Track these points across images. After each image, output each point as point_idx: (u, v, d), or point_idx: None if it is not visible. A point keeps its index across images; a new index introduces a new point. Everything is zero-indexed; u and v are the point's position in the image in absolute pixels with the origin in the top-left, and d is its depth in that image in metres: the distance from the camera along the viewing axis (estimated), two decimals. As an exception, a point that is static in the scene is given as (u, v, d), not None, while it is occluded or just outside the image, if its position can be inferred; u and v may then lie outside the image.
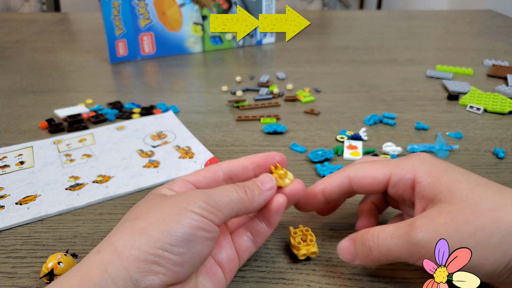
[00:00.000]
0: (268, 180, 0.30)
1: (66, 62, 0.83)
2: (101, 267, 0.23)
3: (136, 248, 0.23)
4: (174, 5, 0.83)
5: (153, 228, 0.24)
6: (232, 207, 0.27)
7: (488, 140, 0.52)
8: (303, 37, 1.00)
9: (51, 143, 0.51)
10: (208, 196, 0.26)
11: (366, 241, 0.28)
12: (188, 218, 0.24)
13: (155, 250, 0.23)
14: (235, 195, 0.27)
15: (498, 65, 0.77)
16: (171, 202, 0.26)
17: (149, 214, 0.25)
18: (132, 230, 0.24)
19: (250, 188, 0.29)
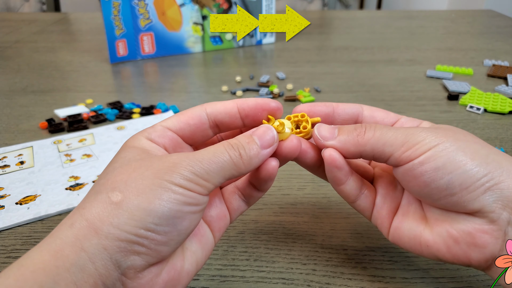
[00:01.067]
0: (269, 137, 0.26)
1: (66, 62, 0.83)
2: (77, 243, 0.20)
3: (115, 226, 0.21)
4: (174, 5, 0.83)
5: (133, 203, 0.21)
6: (223, 174, 0.24)
7: (488, 140, 0.52)
8: (303, 37, 1.00)
9: (51, 143, 0.51)
10: (195, 163, 0.23)
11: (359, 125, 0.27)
12: (173, 193, 0.22)
13: (136, 230, 0.21)
14: (227, 159, 0.24)
15: (498, 65, 0.77)
16: (152, 173, 0.22)
17: (127, 186, 0.22)
18: (110, 205, 0.21)
19: (246, 149, 0.25)
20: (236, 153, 0.24)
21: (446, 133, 0.25)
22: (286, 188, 0.43)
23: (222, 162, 0.24)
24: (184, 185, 0.22)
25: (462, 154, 0.24)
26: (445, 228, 0.25)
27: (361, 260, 0.33)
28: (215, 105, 0.28)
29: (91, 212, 0.21)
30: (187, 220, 0.23)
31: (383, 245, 0.35)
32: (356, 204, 0.29)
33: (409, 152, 0.25)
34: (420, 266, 0.33)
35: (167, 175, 0.22)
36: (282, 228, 0.37)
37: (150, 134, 0.26)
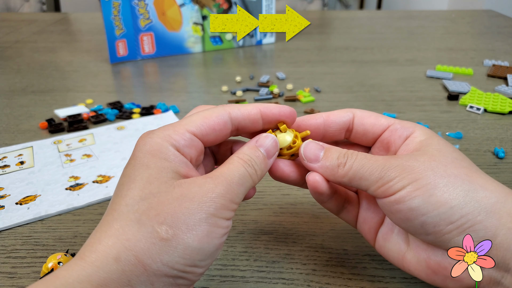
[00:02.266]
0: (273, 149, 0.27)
1: (66, 62, 0.83)
2: (123, 279, 0.20)
3: (165, 263, 0.21)
4: (174, 5, 0.83)
5: (183, 241, 0.21)
6: (246, 192, 0.25)
7: (488, 140, 0.52)
8: (303, 37, 1.00)
9: (51, 143, 0.51)
10: (230, 191, 0.24)
11: (342, 153, 0.27)
12: (219, 229, 0.23)
13: (185, 267, 0.22)
14: (249, 180, 0.25)
15: (498, 65, 0.77)
16: (197, 207, 0.22)
17: (175, 220, 0.22)
18: (160, 241, 0.21)
19: (258, 163, 0.26)
20: (253, 170, 0.25)
21: (427, 165, 0.25)
22: (286, 188, 0.43)
23: (246, 184, 0.25)
24: (227, 216, 0.23)
25: (438, 195, 0.23)
26: (424, 258, 0.26)
27: (361, 260, 0.33)
28: (239, 110, 0.27)
29: (139, 246, 0.21)
30: (221, 250, 0.24)
31: (383, 245, 0.35)
32: (339, 216, 0.31)
33: (384, 188, 0.25)
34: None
35: (211, 208, 0.23)
36: (282, 228, 0.37)
37: (178, 143, 0.25)
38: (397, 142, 0.29)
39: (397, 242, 0.27)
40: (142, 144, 0.25)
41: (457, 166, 0.25)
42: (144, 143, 0.25)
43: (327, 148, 0.28)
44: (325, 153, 0.27)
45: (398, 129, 0.29)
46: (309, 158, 0.28)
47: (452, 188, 0.24)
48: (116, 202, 0.23)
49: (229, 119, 0.27)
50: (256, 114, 0.28)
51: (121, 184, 0.24)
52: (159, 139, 0.25)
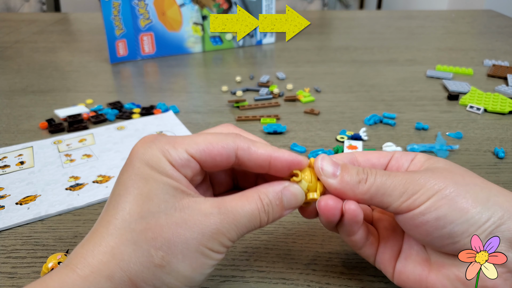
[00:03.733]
0: (296, 202, 0.26)
1: (66, 62, 0.83)
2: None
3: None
4: (174, 5, 0.83)
5: (177, 269, 0.22)
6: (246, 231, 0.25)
7: (488, 140, 0.52)
8: (303, 37, 1.00)
9: (51, 143, 0.51)
10: (233, 228, 0.23)
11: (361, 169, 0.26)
12: (212, 261, 0.23)
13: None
14: (257, 221, 0.25)
15: (498, 65, 0.77)
16: (195, 238, 0.22)
17: (171, 248, 0.22)
18: (154, 267, 0.21)
19: (274, 211, 0.25)
20: (265, 217, 0.25)
21: (444, 176, 0.25)
22: (286, 188, 0.43)
23: (252, 227, 0.25)
24: (221, 251, 0.24)
25: (463, 201, 0.24)
26: (453, 272, 0.25)
27: (361, 260, 0.33)
28: (249, 151, 0.25)
29: (134, 269, 0.21)
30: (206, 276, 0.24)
31: (383, 245, 0.35)
32: (361, 251, 0.29)
33: (409, 202, 0.25)
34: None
35: (210, 243, 0.23)
36: (282, 228, 0.37)
37: (175, 161, 0.24)
38: (405, 165, 0.29)
39: (417, 266, 0.27)
40: (140, 153, 0.24)
41: (471, 176, 0.26)
42: (143, 152, 0.24)
43: (343, 164, 0.27)
44: (343, 168, 0.26)
45: (402, 155, 0.29)
46: (327, 172, 0.26)
47: (474, 195, 0.24)
48: (111, 214, 0.23)
49: (234, 155, 0.25)
50: (264, 160, 0.25)
51: (117, 194, 0.23)
52: (158, 152, 0.24)
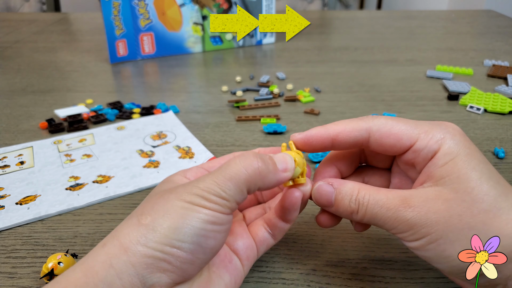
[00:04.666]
0: (287, 162, 0.27)
1: (66, 62, 0.83)
2: (107, 261, 0.22)
3: (143, 244, 0.22)
4: (174, 5, 0.83)
5: (159, 223, 0.23)
6: (239, 185, 0.24)
7: (488, 140, 0.52)
8: (303, 37, 1.00)
9: (51, 143, 0.51)
10: (214, 183, 0.24)
11: (353, 198, 0.27)
12: (196, 213, 0.23)
13: (162, 246, 0.22)
14: (244, 175, 0.25)
15: (498, 65, 0.77)
16: (175, 196, 0.24)
17: (154, 209, 0.24)
18: (138, 226, 0.23)
19: (264, 160, 0.26)
20: (262, 163, 0.25)
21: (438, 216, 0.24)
22: (286, 188, 0.43)
23: (236, 174, 0.24)
24: (204, 205, 0.23)
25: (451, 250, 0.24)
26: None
27: (361, 260, 0.33)
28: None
29: (122, 233, 0.23)
30: (212, 239, 0.24)
31: (383, 245, 0.35)
32: None
33: (400, 236, 0.26)
34: (420, 266, 0.33)
35: (188, 197, 0.24)
36: (282, 228, 0.37)
37: (185, 173, 0.29)
38: (421, 164, 0.27)
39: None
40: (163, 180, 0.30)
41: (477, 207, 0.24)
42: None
43: (337, 191, 0.28)
44: (336, 198, 0.28)
45: (422, 150, 0.27)
46: (323, 204, 0.29)
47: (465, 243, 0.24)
48: None
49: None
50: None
51: None
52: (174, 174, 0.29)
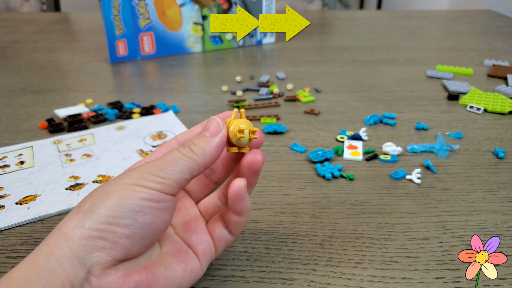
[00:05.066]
0: (213, 126, 0.27)
1: (66, 62, 0.83)
2: (48, 251, 0.22)
3: (80, 227, 0.23)
4: (174, 5, 0.83)
5: (97, 206, 0.23)
6: (181, 169, 0.25)
7: (488, 140, 0.52)
8: (303, 37, 1.00)
9: (51, 143, 0.51)
10: (151, 166, 0.25)
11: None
12: (131, 191, 0.24)
13: (98, 225, 0.23)
14: (178, 155, 0.26)
15: (498, 65, 0.77)
16: (113, 181, 0.25)
17: (93, 195, 0.24)
18: (78, 213, 0.24)
19: (196, 143, 0.27)
20: (187, 149, 0.26)
21: None
22: (286, 188, 0.43)
23: (177, 160, 0.26)
24: (142, 184, 0.24)
25: None
26: None
27: (361, 260, 0.33)
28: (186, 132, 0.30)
29: (63, 223, 0.24)
30: (149, 215, 0.24)
31: (383, 245, 0.35)
32: None
33: None
34: (420, 266, 0.33)
35: (126, 179, 0.24)
36: (282, 228, 0.37)
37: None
38: None
39: None
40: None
41: None
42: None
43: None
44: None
45: None
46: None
47: None
48: None
49: (175, 141, 0.30)
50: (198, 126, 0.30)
51: None
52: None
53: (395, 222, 0.37)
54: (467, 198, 0.41)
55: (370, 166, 0.46)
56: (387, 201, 0.40)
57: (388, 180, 0.44)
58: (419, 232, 0.36)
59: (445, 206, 0.40)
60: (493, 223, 0.37)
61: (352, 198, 0.41)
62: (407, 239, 0.35)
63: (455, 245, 0.35)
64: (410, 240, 0.35)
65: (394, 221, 0.38)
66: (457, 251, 0.34)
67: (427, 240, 0.35)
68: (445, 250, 0.34)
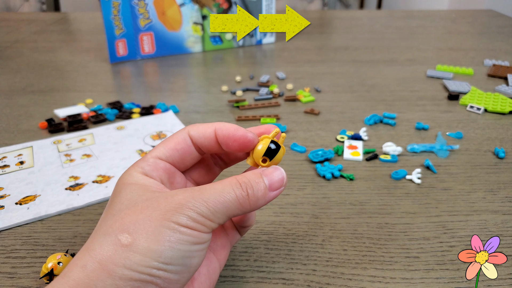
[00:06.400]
0: (278, 179, 0.25)
1: (66, 62, 0.83)
2: (90, 284, 0.21)
3: (128, 267, 0.21)
4: (174, 5, 0.83)
5: (143, 246, 0.22)
6: (228, 214, 0.24)
7: (488, 140, 0.52)
8: (303, 37, 1.00)
9: (51, 143, 0.51)
10: (201, 204, 0.23)
11: None
12: (181, 234, 0.22)
13: (149, 270, 0.21)
14: (233, 199, 0.24)
15: (499, 65, 0.77)
16: (159, 214, 0.23)
17: (136, 228, 0.22)
18: (121, 247, 0.22)
19: (254, 189, 0.24)
20: (244, 193, 0.24)
21: None
22: (286, 188, 0.43)
23: (228, 202, 0.24)
24: (191, 226, 0.23)
25: None
26: None
27: (361, 260, 0.33)
28: (197, 128, 0.28)
29: (102, 254, 0.22)
30: (196, 258, 0.23)
31: (383, 245, 0.35)
32: None
33: None
34: (420, 266, 0.33)
35: (175, 217, 0.22)
36: (282, 228, 0.37)
37: (143, 169, 0.26)
38: None
39: None
40: (118, 180, 0.27)
41: None
42: (120, 177, 0.27)
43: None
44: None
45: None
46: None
47: None
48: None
49: (188, 137, 0.27)
50: (211, 133, 0.27)
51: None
52: (130, 170, 0.27)
53: (395, 222, 0.37)
54: (467, 198, 0.41)
55: (370, 166, 0.46)
56: (387, 201, 0.40)
57: (388, 180, 0.44)
58: (419, 232, 0.36)
59: (445, 206, 0.40)
60: (493, 223, 0.37)
61: (352, 198, 0.41)
62: (407, 239, 0.35)
63: (455, 245, 0.35)
64: (410, 240, 0.35)
65: (394, 221, 0.38)
66: (457, 251, 0.34)
67: (427, 240, 0.35)
68: (445, 250, 0.34)
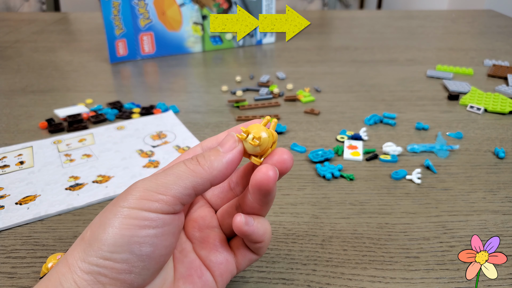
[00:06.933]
0: (229, 141, 0.24)
1: (66, 62, 0.83)
2: (57, 279, 0.22)
3: (81, 260, 0.21)
4: (174, 5, 0.83)
5: (95, 237, 0.22)
6: (183, 184, 0.23)
7: (488, 140, 0.52)
8: (303, 37, 1.00)
9: (51, 143, 0.51)
10: (149, 181, 0.23)
11: None
12: (124, 218, 0.21)
13: (97, 260, 0.21)
14: (183, 168, 0.23)
15: (499, 65, 0.77)
16: (112, 203, 0.23)
17: (95, 221, 0.23)
18: (81, 242, 0.22)
19: (205, 156, 0.24)
20: (194, 161, 0.24)
21: None
22: (286, 188, 0.43)
23: (179, 172, 0.23)
24: (134, 206, 0.22)
25: None
26: None
27: (361, 260, 0.33)
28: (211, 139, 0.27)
29: (69, 250, 0.23)
30: (147, 245, 0.22)
31: (383, 245, 0.35)
32: None
33: None
34: (420, 266, 0.33)
35: (121, 200, 0.22)
36: (282, 228, 0.37)
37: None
38: None
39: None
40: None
41: None
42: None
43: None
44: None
45: None
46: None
47: None
48: None
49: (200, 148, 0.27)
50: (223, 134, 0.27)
51: None
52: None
53: (395, 222, 0.37)
54: (467, 198, 0.41)
55: (370, 166, 0.46)
56: (387, 201, 0.40)
57: (388, 180, 0.44)
58: (419, 232, 0.36)
59: (445, 206, 0.40)
60: (493, 223, 0.37)
61: (352, 198, 0.41)
62: (407, 239, 0.35)
63: (455, 245, 0.35)
64: (410, 240, 0.35)
65: (394, 221, 0.38)
66: (457, 251, 0.34)
67: (427, 240, 0.35)
68: (445, 250, 0.34)
